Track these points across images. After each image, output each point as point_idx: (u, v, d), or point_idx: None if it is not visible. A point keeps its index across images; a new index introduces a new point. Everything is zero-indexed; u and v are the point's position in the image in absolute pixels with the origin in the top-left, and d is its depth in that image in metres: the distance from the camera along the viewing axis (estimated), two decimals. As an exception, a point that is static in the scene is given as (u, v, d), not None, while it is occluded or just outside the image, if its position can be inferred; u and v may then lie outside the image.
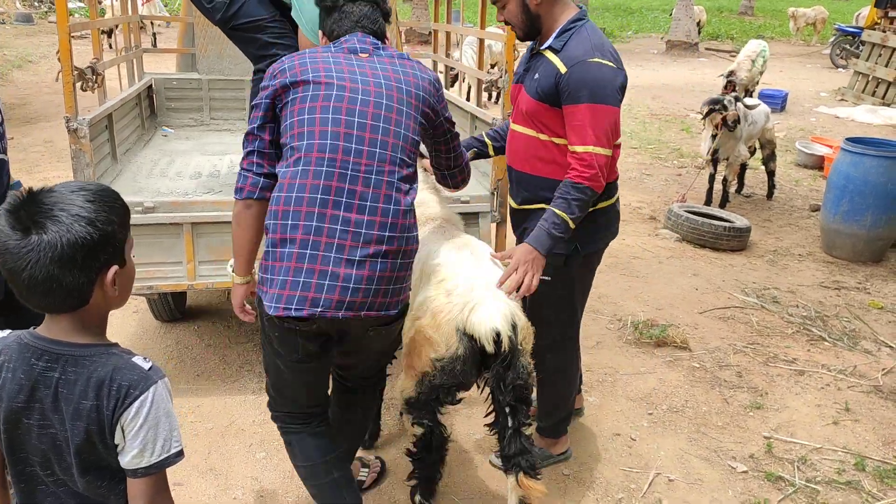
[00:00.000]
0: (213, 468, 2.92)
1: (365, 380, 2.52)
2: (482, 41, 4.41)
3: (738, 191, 7.14)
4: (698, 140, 8.72)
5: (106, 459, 1.41)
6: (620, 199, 2.80)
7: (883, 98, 12.03)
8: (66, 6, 2.96)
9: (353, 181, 2.02)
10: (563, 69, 2.40)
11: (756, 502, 2.85)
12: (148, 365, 1.41)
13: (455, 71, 7.66)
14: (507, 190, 2.94)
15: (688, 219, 5.80)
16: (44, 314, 1.40)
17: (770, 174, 7.01)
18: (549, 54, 2.48)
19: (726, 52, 19.24)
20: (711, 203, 6.58)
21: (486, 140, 2.94)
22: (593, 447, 3.15)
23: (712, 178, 6.66)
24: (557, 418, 2.96)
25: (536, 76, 2.52)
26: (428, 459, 2.48)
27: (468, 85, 9.87)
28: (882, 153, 5.44)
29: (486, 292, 2.27)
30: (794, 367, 3.90)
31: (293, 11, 3.07)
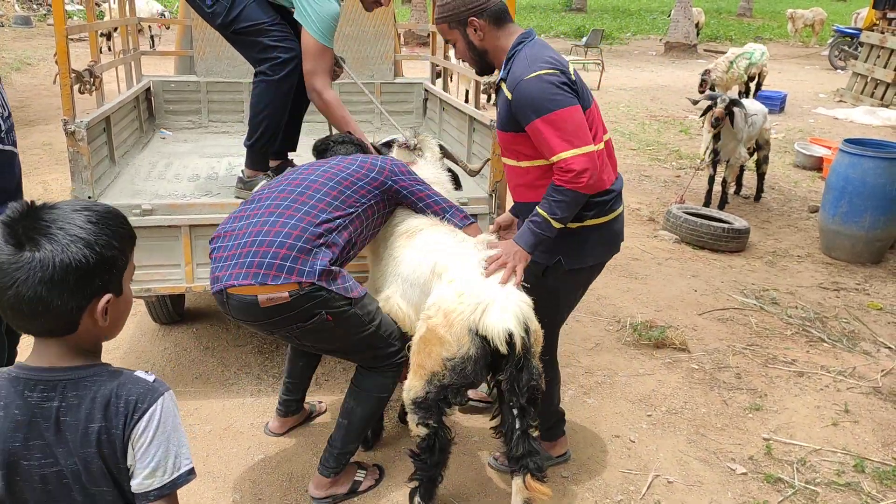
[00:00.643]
0: (212, 471, 2.92)
1: None
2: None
3: (737, 192, 7.15)
4: (697, 141, 8.74)
5: (115, 493, 1.31)
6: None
7: (881, 99, 12.06)
8: (64, 9, 2.96)
9: None
10: (510, 95, 2.45)
11: (755, 504, 2.85)
12: (152, 377, 1.34)
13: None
14: (506, 192, 2.95)
15: (686, 220, 5.79)
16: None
17: (761, 176, 7.02)
18: (503, 85, 2.55)
19: (725, 54, 19.25)
20: (710, 204, 6.58)
21: None
22: (592, 449, 3.15)
23: (712, 180, 6.67)
24: (550, 422, 2.95)
25: (498, 110, 2.59)
26: (431, 461, 2.48)
27: (465, 90, 9.90)
28: (881, 154, 5.45)
29: (499, 292, 2.29)
30: (794, 369, 3.89)
31: (296, 13, 3.06)
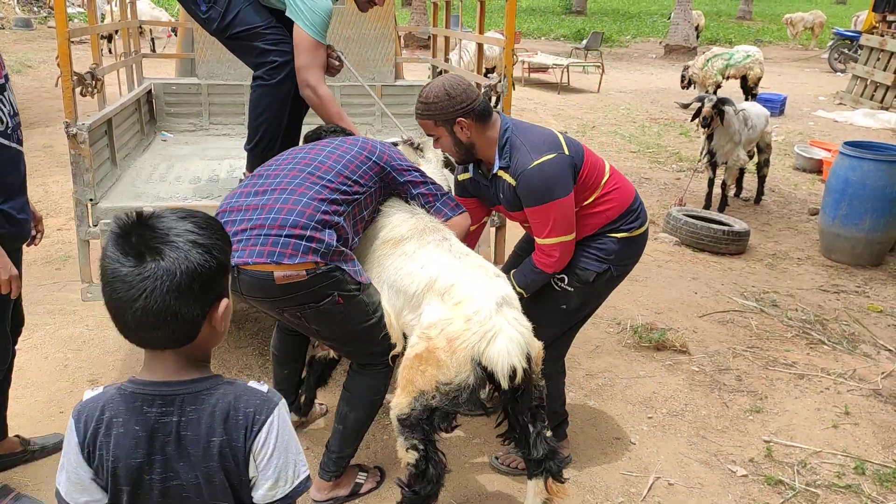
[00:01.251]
0: (213, 473, 2.91)
1: None
2: (481, 46, 4.42)
3: (737, 194, 7.15)
4: (697, 144, 8.74)
5: None
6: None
7: (881, 102, 12.07)
8: (66, 11, 2.97)
9: None
10: (514, 182, 2.59)
11: (756, 506, 2.85)
12: (265, 388, 1.31)
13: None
14: None
15: (687, 222, 5.80)
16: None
17: (761, 179, 7.02)
18: (502, 174, 2.63)
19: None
20: (710, 207, 6.58)
21: None
22: (593, 451, 3.15)
23: (711, 183, 6.67)
24: (555, 422, 2.95)
25: (501, 195, 2.69)
26: (423, 492, 2.30)
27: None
28: (880, 157, 5.45)
29: (503, 320, 2.22)
30: (794, 371, 3.90)
31: (288, 10, 3.05)
